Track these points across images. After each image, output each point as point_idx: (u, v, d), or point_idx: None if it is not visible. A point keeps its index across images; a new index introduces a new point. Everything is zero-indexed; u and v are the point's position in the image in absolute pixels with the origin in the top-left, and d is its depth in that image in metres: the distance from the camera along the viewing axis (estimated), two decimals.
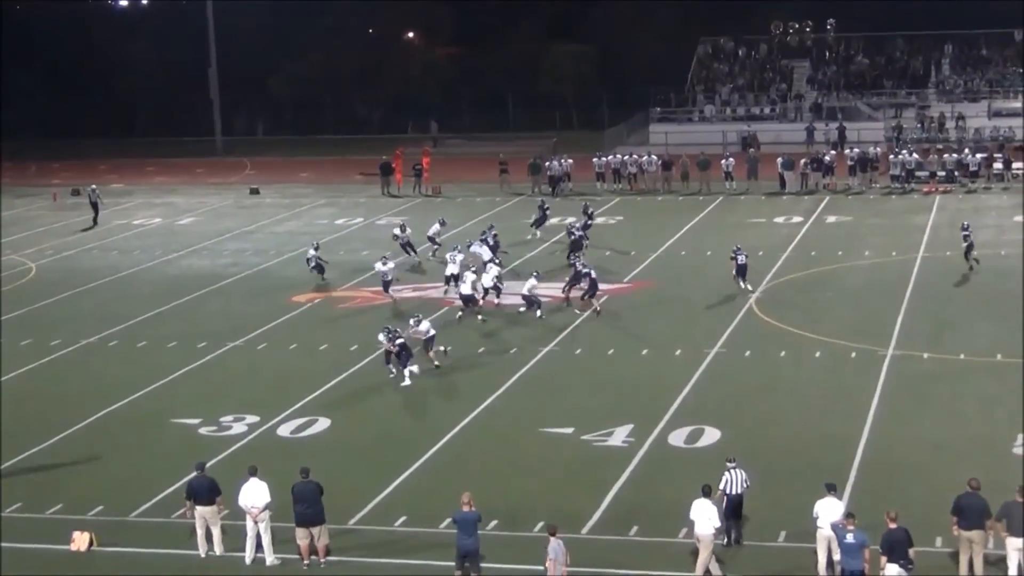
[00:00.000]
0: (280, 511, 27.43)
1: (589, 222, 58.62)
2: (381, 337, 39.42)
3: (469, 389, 38.12)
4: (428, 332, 39.89)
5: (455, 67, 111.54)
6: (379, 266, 48.31)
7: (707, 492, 25.92)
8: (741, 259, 47.79)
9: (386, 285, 48.21)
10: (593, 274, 45.98)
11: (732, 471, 27.07)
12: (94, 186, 71.40)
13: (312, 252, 52.48)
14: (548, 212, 61.72)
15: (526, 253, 56.44)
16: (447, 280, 48.53)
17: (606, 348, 41.90)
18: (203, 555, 27.47)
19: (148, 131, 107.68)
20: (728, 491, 26.82)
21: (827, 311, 45.36)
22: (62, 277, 56.01)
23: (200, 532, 27.57)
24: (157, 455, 33.67)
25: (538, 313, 45.03)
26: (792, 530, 27.28)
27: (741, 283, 47.73)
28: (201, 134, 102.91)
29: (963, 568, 25.13)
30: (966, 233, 50.50)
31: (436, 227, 57.24)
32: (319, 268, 52.20)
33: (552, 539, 24.82)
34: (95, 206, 69.48)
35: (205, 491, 27.56)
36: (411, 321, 40.44)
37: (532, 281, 45.67)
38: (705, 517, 25.45)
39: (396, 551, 27.61)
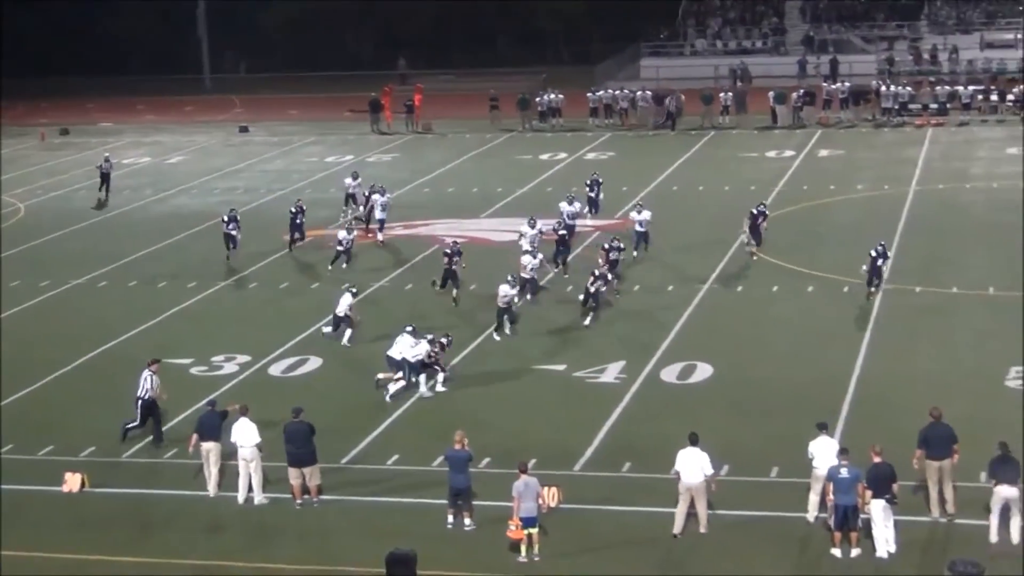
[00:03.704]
0: (274, 451, 27.41)
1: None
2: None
3: (461, 327, 37.98)
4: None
5: (444, 2, 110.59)
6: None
7: (695, 440, 25.33)
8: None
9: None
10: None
11: None
12: (107, 155, 62.60)
13: (349, 181, 52.17)
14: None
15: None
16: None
17: None
18: (212, 494, 27.57)
19: (139, 69, 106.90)
20: None
21: (820, 245, 45.25)
22: (51, 217, 55.73)
23: (206, 468, 27.66)
24: None
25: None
26: (784, 466, 27.26)
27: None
28: (189, 72, 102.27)
29: (933, 497, 25.20)
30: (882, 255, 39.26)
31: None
32: (352, 198, 51.82)
33: (522, 476, 24.75)
34: (106, 177, 59.54)
35: (211, 427, 27.61)
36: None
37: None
38: (695, 466, 25.05)
39: (389, 489, 27.61)
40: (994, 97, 71.05)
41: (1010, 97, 70.68)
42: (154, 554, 25.24)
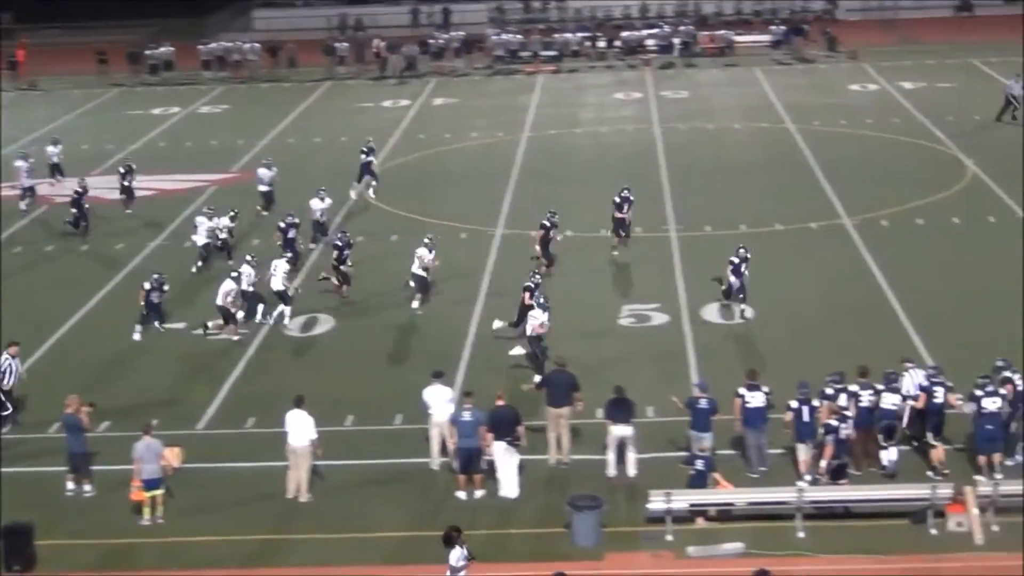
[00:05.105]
0: None
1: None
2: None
3: (73, 283, 36.97)
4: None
5: None
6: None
7: (299, 403, 25.19)
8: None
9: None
10: None
11: None
12: None
13: (52, 148, 48.40)
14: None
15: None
16: None
17: None
18: None
19: None
20: None
21: (436, 193, 45.65)
22: None
23: None
24: None
25: None
26: (408, 413, 27.50)
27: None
28: None
29: (552, 441, 25.90)
30: None
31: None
32: (58, 168, 48.31)
33: (145, 437, 24.31)
34: None
35: None
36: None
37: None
38: (300, 429, 24.94)
39: (4, 459, 26.65)
40: (601, 44, 73.15)
41: (616, 43, 72.86)
42: None
